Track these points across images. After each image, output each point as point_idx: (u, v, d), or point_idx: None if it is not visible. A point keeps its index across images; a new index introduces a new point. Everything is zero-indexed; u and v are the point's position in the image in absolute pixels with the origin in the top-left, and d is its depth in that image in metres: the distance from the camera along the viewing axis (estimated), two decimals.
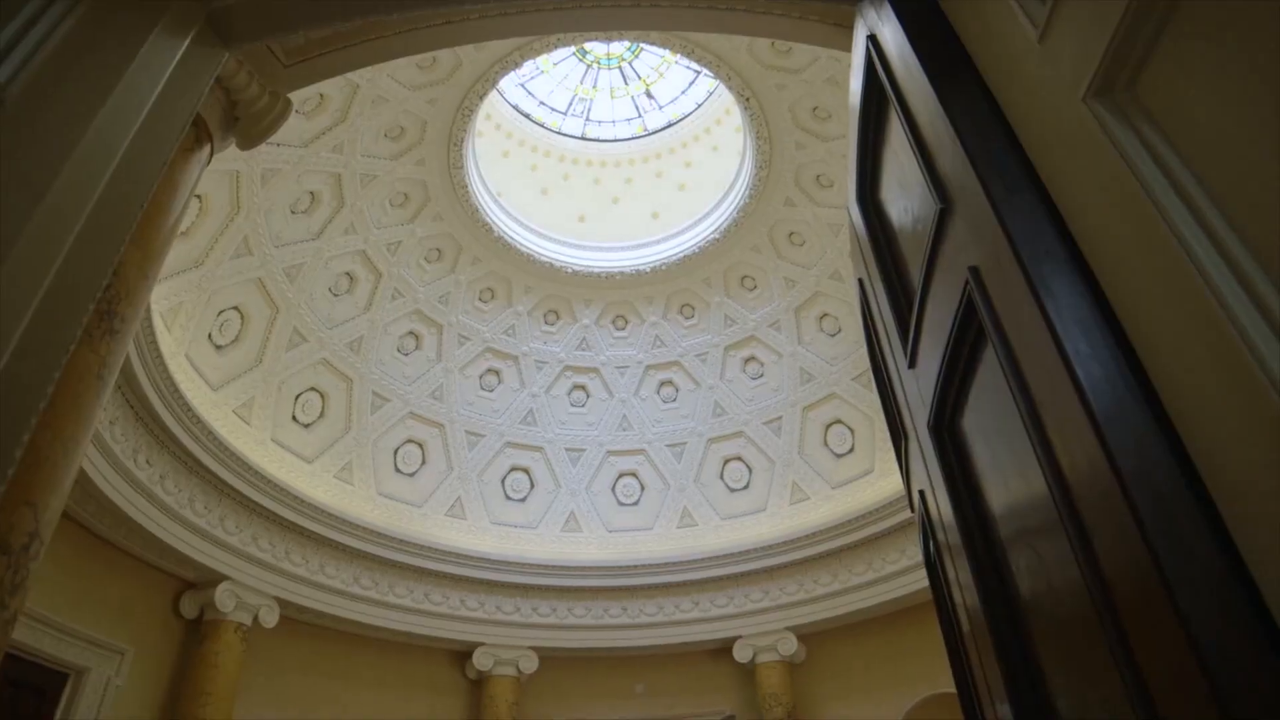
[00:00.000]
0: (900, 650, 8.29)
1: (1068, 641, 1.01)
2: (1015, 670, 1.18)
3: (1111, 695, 0.87)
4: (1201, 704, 0.66)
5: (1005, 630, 1.20)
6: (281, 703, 7.53)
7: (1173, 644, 0.68)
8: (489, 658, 8.40)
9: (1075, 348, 0.76)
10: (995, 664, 1.25)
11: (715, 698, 8.84)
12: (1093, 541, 0.79)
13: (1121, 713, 0.84)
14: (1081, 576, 0.81)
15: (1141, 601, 0.72)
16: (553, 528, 9.05)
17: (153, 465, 6.08)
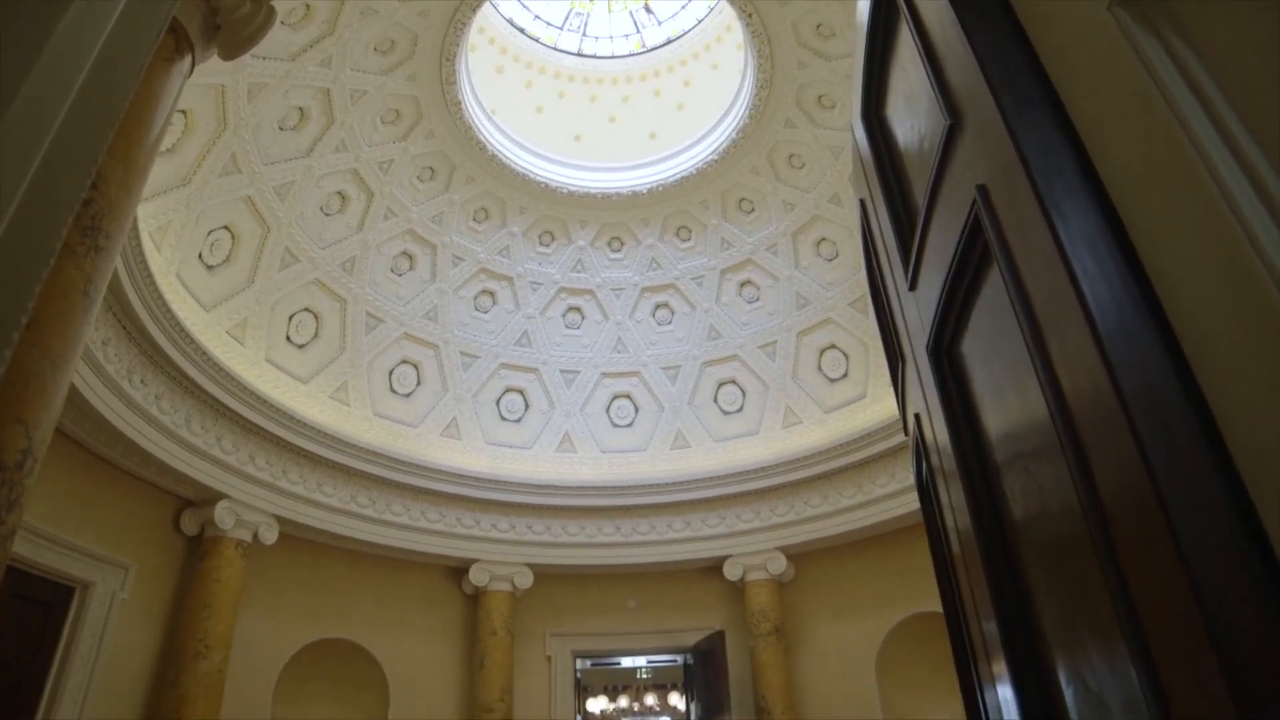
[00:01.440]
0: (885, 571, 8.50)
1: (1058, 563, 1.02)
2: (1003, 591, 1.20)
3: (1099, 616, 0.88)
4: (1190, 626, 0.66)
5: (996, 552, 1.21)
6: (282, 616, 7.72)
7: (1166, 568, 0.68)
8: (485, 574, 8.59)
9: (1083, 267, 0.74)
10: (984, 584, 1.27)
11: (705, 614, 9.09)
12: (1091, 464, 0.78)
13: (1108, 633, 0.85)
14: (1077, 499, 0.81)
15: (1137, 524, 0.72)
16: (547, 448, 9.15)
17: (147, 385, 6.08)
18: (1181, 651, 0.69)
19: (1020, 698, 1.16)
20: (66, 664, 5.78)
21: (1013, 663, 1.18)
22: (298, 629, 7.82)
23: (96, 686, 5.94)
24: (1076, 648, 0.99)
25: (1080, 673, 0.99)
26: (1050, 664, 1.11)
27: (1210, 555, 0.63)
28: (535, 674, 8.87)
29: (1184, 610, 0.66)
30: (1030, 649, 1.16)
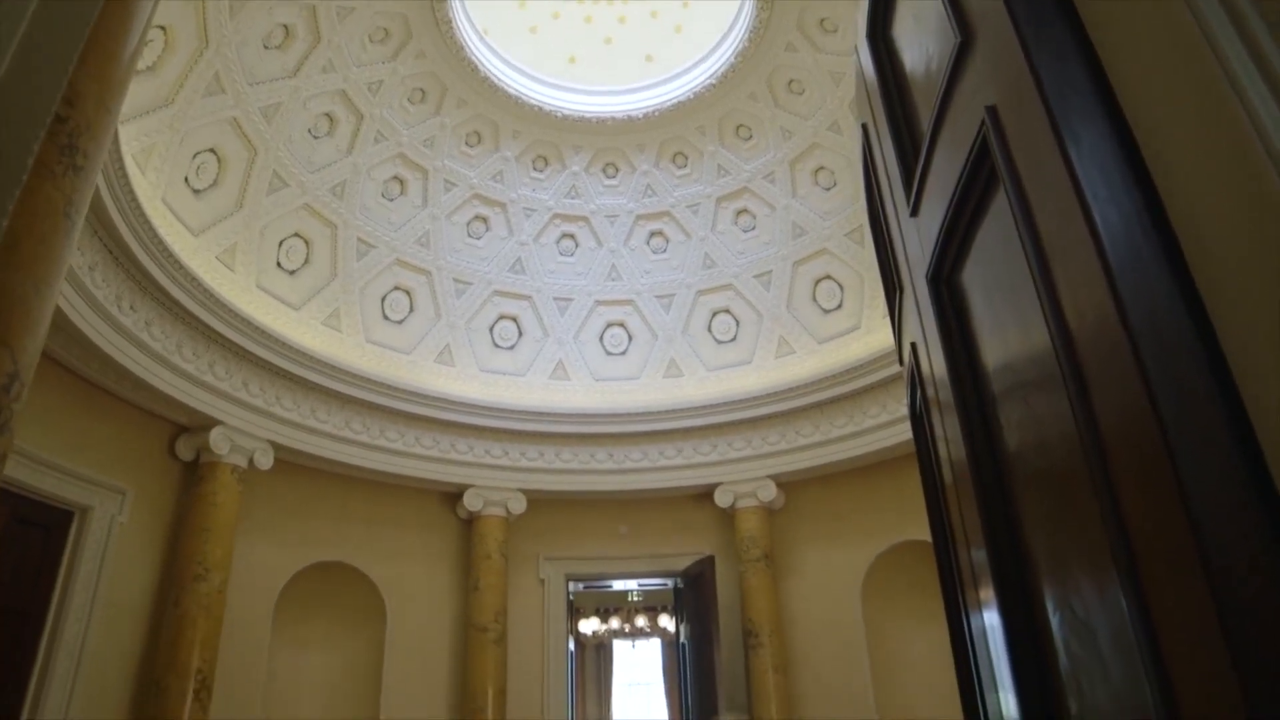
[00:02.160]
0: (874, 500, 8.64)
1: (1051, 494, 1.01)
2: (995, 520, 1.20)
3: (1091, 546, 0.88)
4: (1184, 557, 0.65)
5: (989, 482, 1.21)
6: (280, 539, 7.84)
7: (1163, 499, 0.67)
8: (479, 499, 8.71)
9: (1094, 191, 0.71)
10: (975, 514, 1.27)
11: (696, 539, 9.26)
12: (1092, 395, 0.77)
13: (1099, 562, 0.85)
14: (1076, 430, 0.80)
15: (1136, 455, 0.71)
16: (540, 375, 9.17)
17: (137, 311, 6.03)
18: (1173, 581, 0.68)
19: (1007, 624, 1.18)
20: (69, 586, 5.90)
21: (1001, 590, 1.19)
22: (295, 552, 7.95)
23: (100, 607, 6.07)
24: (1065, 576, 0.99)
25: (1068, 600, 0.99)
26: (1038, 592, 1.12)
27: (1209, 488, 0.62)
28: (529, 596, 9.08)
29: (1179, 541, 0.65)
30: (1018, 577, 1.17)
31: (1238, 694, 0.60)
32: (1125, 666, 0.82)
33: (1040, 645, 1.13)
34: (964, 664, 1.84)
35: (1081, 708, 1.00)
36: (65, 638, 5.80)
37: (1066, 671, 1.03)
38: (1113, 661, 0.86)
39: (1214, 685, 0.64)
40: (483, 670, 8.17)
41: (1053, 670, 1.09)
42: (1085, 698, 0.98)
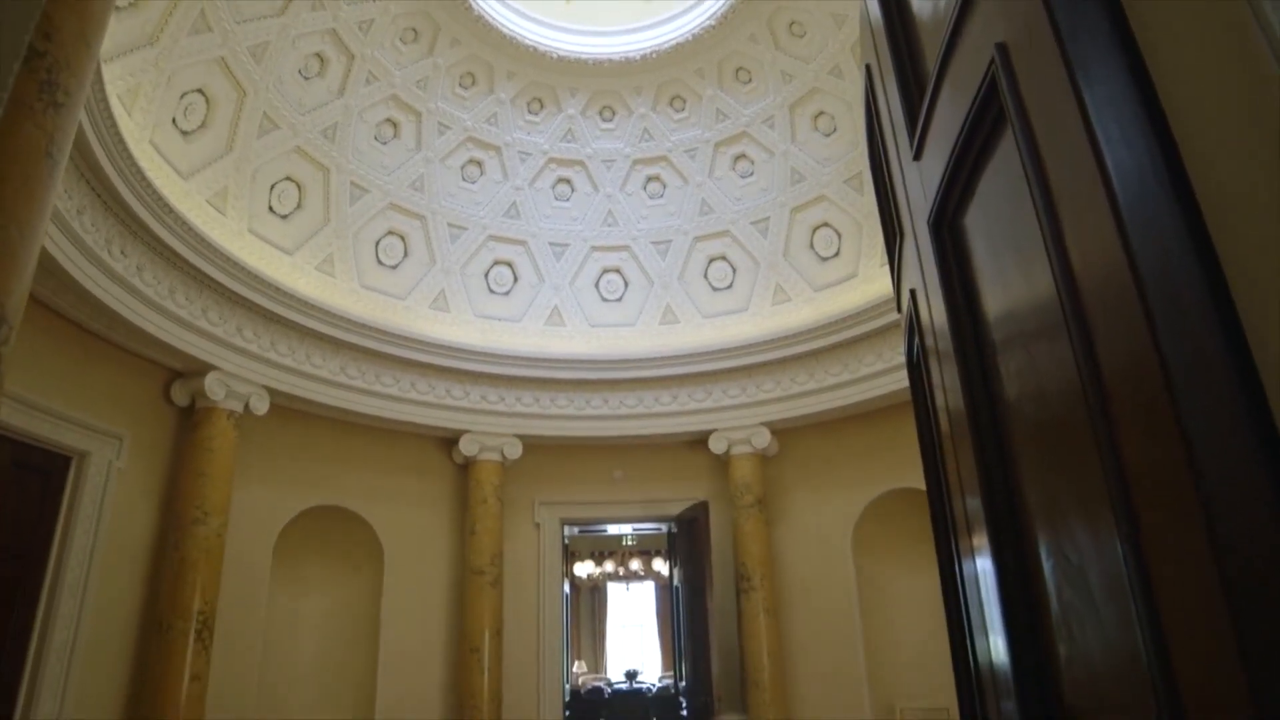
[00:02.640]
0: (867, 448, 8.71)
1: (1049, 443, 1.01)
2: (991, 469, 1.20)
3: (1088, 493, 0.88)
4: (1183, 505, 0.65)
5: (986, 431, 1.21)
6: (277, 484, 7.89)
7: (1165, 448, 0.67)
8: (474, 444, 8.75)
9: (1107, 133, 0.69)
10: (971, 462, 1.27)
11: (690, 485, 9.35)
12: (1095, 342, 0.76)
13: (1096, 510, 0.85)
14: (1078, 378, 0.79)
15: (1139, 404, 0.70)
16: (536, 321, 9.14)
17: (128, 256, 5.96)
18: (1171, 528, 0.68)
19: (999, 569, 1.19)
20: (70, 529, 5.96)
21: (994, 537, 1.20)
22: (293, 496, 8.01)
23: (101, 549, 6.14)
24: (1060, 524, 1.00)
25: (1062, 547, 1.00)
26: (1031, 539, 1.12)
27: (1213, 438, 0.62)
28: (524, 540, 9.20)
29: (1178, 489, 0.65)
30: (1012, 525, 1.18)
31: (1231, 638, 0.60)
32: (1117, 611, 0.82)
33: (1031, 591, 1.14)
34: (954, 609, 1.86)
35: (1071, 651, 1.01)
36: (68, 580, 5.88)
37: (1057, 616, 1.04)
38: (1104, 606, 0.86)
39: (1207, 629, 0.64)
40: (479, 612, 8.32)
41: (1043, 615, 1.10)
42: (1075, 641, 0.99)
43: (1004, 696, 1.28)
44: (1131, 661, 0.79)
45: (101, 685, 6.17)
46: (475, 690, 8.10)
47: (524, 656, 8.83)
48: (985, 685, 1.47)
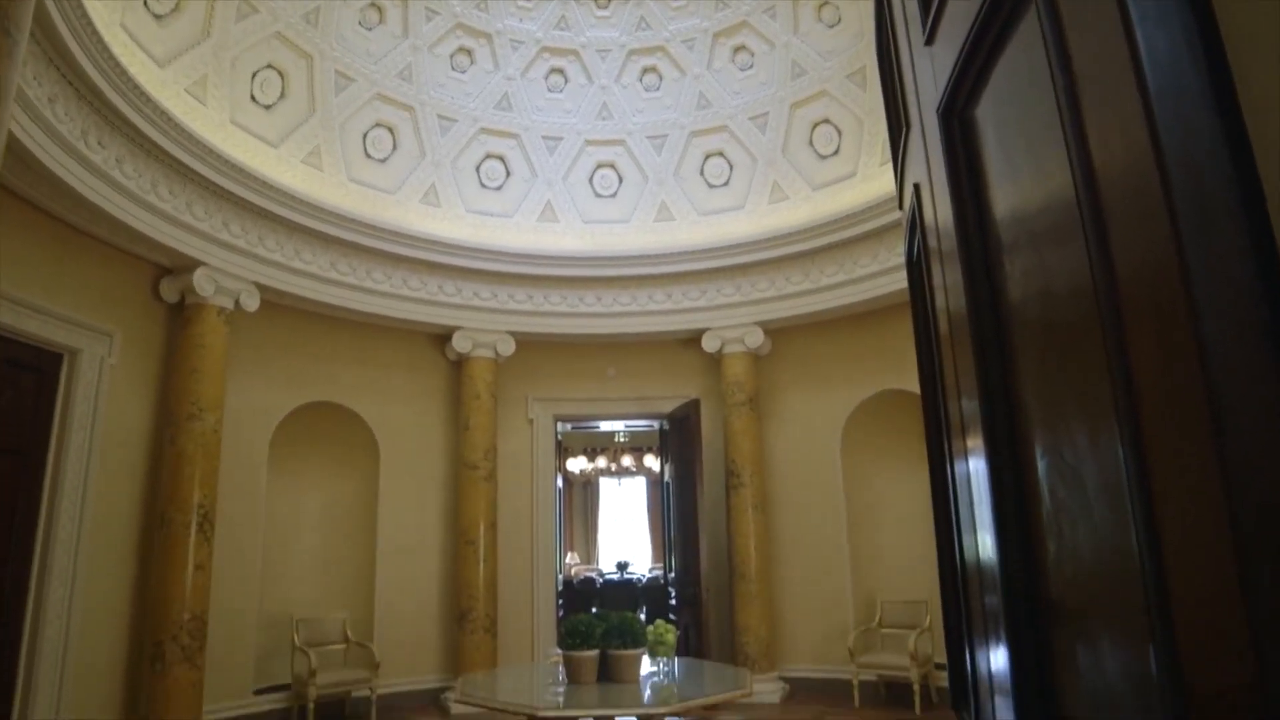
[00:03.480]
0: (859, 349, 8.75)
1: (1053, 346, 0.99)
2: (990, 371, 1.19)
3: (1090, 396, 0.87)
4: (1195, 412, 0.63)
5: (987, 334, 1.19)
6: (271, 380, 7.92)
7: (1178, 355, 0.65)
8: (467, 341, 8.76)
9: (1141, 10, 0.64)
10: (970, 364, 1.26)
11: (682, 383, 9.43)
12: (1111, 241, 0.73)
13: (1098, 412, 0.84)
14: (1090, 279, 0.76)
15: (1154, 308, 0.68)
16: (529, 217, 9.00)
17: (106, 148, 5.77)
18: (1177, 435, 0.67)
19: (993, 469, 1.19)
20: (66, 425, 6.01)
21: (989, 438, 1.20)
22: (286, 393, 8.05)
23: (99, 445, 6.20)
24: (1059, 426, 0.99)
25: (1059, 448, 0.99)
26: (1026, 442, 1.12)
27: (1229, 349, 0.59)
28: (517, 435, 9.32)
29: (1189, 398, 0.63)
30: (1008, 426, 1.17)
31: (1228, 539, 0.59)
32: (1111, 511, 0.82)
33: (1022, 491, 1.14)
34: (943, 508, 1.89)
35: (1060, 548, 1.02)
36: (68, 476, 5.96)
37: (1048, 514, 1.04)
38: (1098, 505, 0.87)
39: (1204, 535, 0.64)
40: (474, 505, 8.51)
41: (1033, 515, 1.11)
42: (1064, 539, 0.99)
43: (989, 592, 1.31)
44: (1122, 560, 0.79)
45: (109, 576, 6.35)
46: (471, 580, 8.37)
47: (518, 548, 9.08)
48: (970, 581, 1.50)
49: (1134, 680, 0.82)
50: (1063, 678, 1.07)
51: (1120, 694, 0.87)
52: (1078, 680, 1.02)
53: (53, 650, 5.80)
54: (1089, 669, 0.98)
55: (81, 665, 6.02)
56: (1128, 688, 0.84)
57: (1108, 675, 0.91)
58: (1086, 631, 0.97)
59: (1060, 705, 1.08)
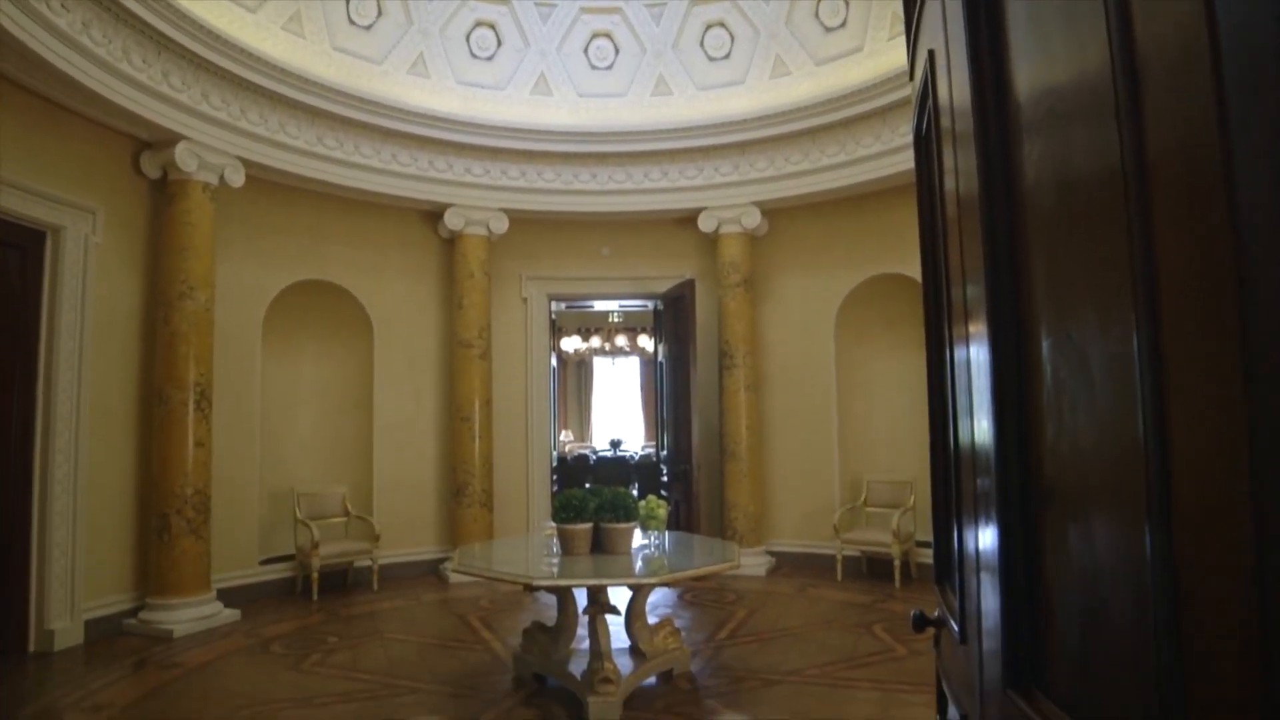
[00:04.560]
0: (856, 232, 8.67)
1: (1069, 230, 0.97)
2: (999, 257, 1.17)
3: (1103, 280, 0.85)
4: (1221, 301, 0.62)
5: (999, 218, 1.16)
6: (261, 258, 7.83)
7: (1210, 241, 0.62)
8: (460, 218, 8.62)
9: None
10: (977, 249, 1.24)
11: (677, 263, 9.36)
12: (1146, 119, 0.69)
13: (1111, 294, 0.82)
14: (1120, 157, 0.73)
15: (1187, 191, 0.65)
16: (521, 90, 8.67)
17: (70, 10, 5.47)
18: (1198, 317, 0.66)
19: (995, 351, 1.18)
20: (56, 304, 5.98)
21: (993, 320, 1.19)
22: (278, 271, 7.97)
23: (91, 324, 6.19)
24: (1068, 309, 0.98)
25: (1065, 327, 0.98)
26: (1030, 329, 1.11)
27: (1266, 239, 0.57)
28: (511, 314, 9.32)
29: (1216, 279, 0.62)
30: (1013, 310, 1.16)
31: (1241, 428, 0.59)
32: (1116, 393, 0.82)
33: (1023, 376, 1.14)
34: (938, 394, 1.90)
35: (1058, 431, 1.03)
36: (61, 355, 5.97)
37: (1049, 396, 1.04)
38: (1103, 386, 0.86)
39: (1215, 418, 0.64)
40: (469, 383, 8.59)
41: (1032, 400, 1.11)
42: (1064, 421, 1.00)
43: (981, 474, 1.33)
44: (1124, 441, 0.79)
45: (111, 453, 6.45)
46: (467, 457, 8.54)
47: (513, 425, 9.23)
48: (963, 464, 1.52)
49: (1125, 558, 0.84)
50: (1050, 556, 1.10)
51: (1109, 570, 0.89)
52: (1066, 558, 1.05)
53: (63, 524, 5.96)
54: (1079, 547, 1.00)
55: (91, 538, 6.20)
56: (1118, 565, 0.86)
57: (1098, 553, 0.93)
58: (1080, 511, 0.99)
59: (1045, 582, 1.11)
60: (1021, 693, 1.13)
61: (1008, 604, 1.18)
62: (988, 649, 1.31)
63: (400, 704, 4.78)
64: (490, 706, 4.72)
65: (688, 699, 4.80)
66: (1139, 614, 0.78)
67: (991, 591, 1.27)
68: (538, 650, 5.09)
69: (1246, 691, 0.60)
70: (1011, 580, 1.17)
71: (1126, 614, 0.83)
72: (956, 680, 1.65)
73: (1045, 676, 1.10)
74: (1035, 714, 1.07)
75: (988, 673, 1.31)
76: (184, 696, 4.97)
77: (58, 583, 5.90)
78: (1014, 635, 1.17)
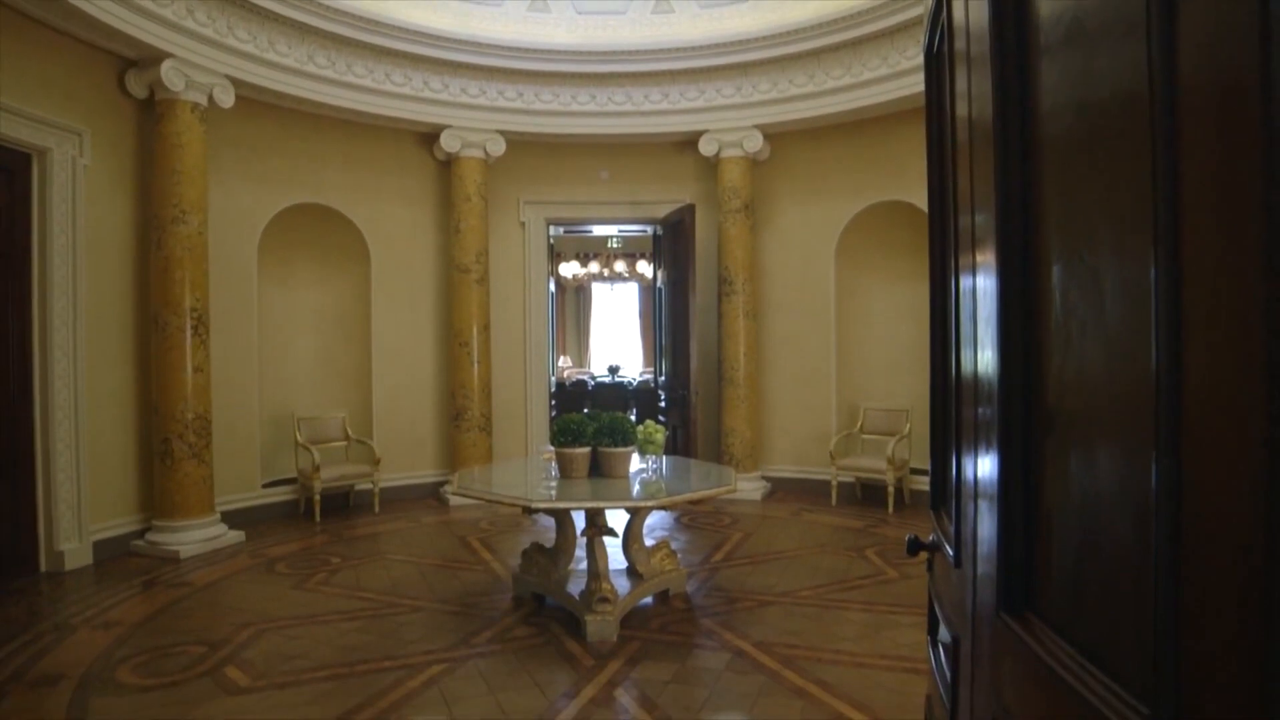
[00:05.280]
0: (859, 159, 8.54)
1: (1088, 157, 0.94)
2: (1011, 183, 1.15)
3: (1121, 203, 0.83)
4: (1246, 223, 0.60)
5: (1013, 144, 1.14)
6: (254, 181, 7.71)
7: (1239, 161, 0.61)
8: (456, 140, 8.46)
9: None
10: (989, 174, 1.21)
11: (677, 187, 9.24)
12: (1179, 38, 0.67)
13: (1130, 216, 0.81)
14: (1147, 79, 0.70)
15: (1218, 113, 0.63)
16: (518, 6, 8.40)
17: None
18: (1222, 240, 0.64)
19: (1004, 278, 1.17)
20: (46, 228, 5.91)
21: (1003, 247, 1.17)
22: (271, 194, 7.85)
23: (83, 250, 6.13)
24: (1081, 231, 0.96)
25: (1078, 251, 0.97)
26: (1041, 256, 1.09)
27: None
28: (509, 239, 9.23)
29: (1243, 199, 0.60)
30: (1023, 239, 1.14)
31: (1260, 353, 0.58)
32: (1129, 317, 0.81)
33: (1030, 304, 1.13)
34: (940, 322, 1.89)
35: (1065, 356, 1.02)
36: (55, 280, 5.93)
37: (1057, 320, 1.04)
38: (1115, 310, 0.85)
39: (1234, 341, 0.63)
40: (467, 308, 8.56)
41: (1039, 326, 1.11)
42: (1071, 347, 0.99)
43: (983, 402, 1.33)
44: (1135, 368, 0.79)
45: (111, 378, 6.46)
46: (466, 381, 8.57)
47: (511, 351, 9.24)
48: (964, 392, 1.52)
49: (1128, 484, 0.84)
50: (1049, 483, 1.11)
51: (1111, 496, 0.90)
52: (1066, 485, 1.05)
53: (66, 448, 6.01)
54: (1080, 474, 1.01)
55: (95, 461, 6.26)
56: (1120, 490, 0.87)
57: (1100, 479, 0.93)
58: (1083, 438, 0.99)
59: (1043, 509, 1.12)
60: (1016, 616, 1.16)
61: (1005, 530, 1.19)
62: (982, 573, 1.33)
63: (402, 622, 4.91)
64: (490, 624, 4.84)
65: (683, 618, 4.93)
66: (1139, 540, 0.78)
67: (989, 518, 1.28)
68: (536, 571, 5.20)
69: (1247, 617, 0.60)
70: (1009, 507, 1.18)
71: (1126, 539, 0.84)
72: (949, 603, 1.68)
73: (1039, 601, 1.13)
74: (1028, 636, 1.09)
75: (981, 596, 1.34)
76: (193, 614, 5.09)
77: (65, 505, 5.99)
78: (1009, 560, 1.18)
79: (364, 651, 4.42)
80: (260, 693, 3.90)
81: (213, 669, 4.18)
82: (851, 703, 3.72)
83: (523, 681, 4.01)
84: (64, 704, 3.78)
